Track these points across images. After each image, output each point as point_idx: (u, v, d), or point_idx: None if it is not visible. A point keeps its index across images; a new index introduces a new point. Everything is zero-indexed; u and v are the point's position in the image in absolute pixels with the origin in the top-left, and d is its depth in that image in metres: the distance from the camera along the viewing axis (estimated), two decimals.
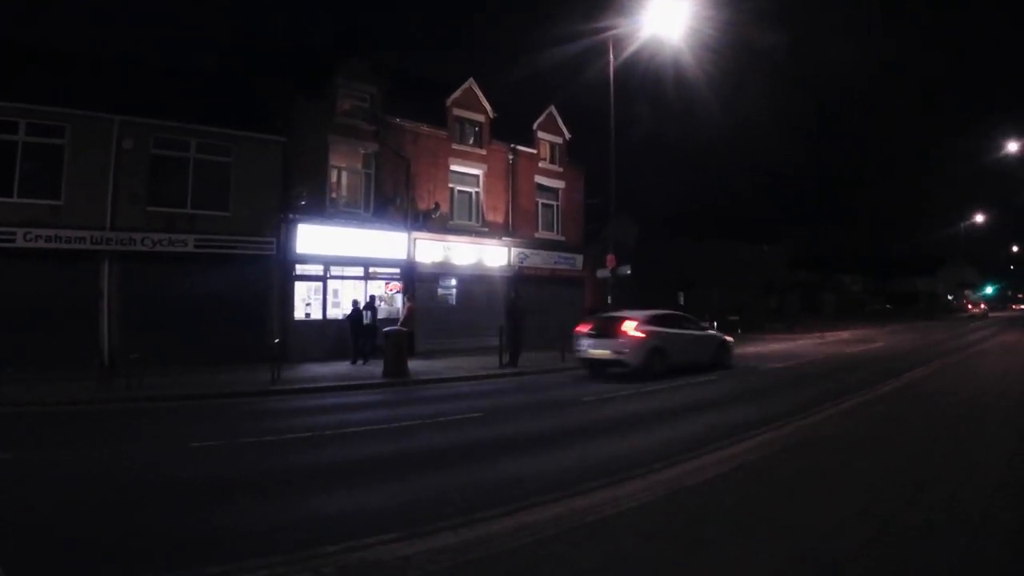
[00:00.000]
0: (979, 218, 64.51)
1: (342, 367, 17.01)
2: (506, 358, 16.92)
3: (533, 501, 5.33)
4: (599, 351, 15.41)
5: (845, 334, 36.36)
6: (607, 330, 15.48)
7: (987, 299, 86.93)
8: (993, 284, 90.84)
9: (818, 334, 35.32)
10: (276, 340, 14.70)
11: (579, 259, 27.43)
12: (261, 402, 12.04)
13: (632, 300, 40.19)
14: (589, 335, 15.80)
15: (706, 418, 9.55)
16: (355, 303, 19.74)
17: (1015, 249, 74.50)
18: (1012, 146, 37.97)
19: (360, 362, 18.24)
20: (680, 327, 16.62)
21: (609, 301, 21.50)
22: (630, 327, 15.21)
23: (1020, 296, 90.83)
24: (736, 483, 5.54)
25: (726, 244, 42.13)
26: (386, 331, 15.36)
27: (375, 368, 15.57)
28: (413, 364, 17.61)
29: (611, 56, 21.26)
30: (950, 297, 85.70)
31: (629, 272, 21.53)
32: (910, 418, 8.62)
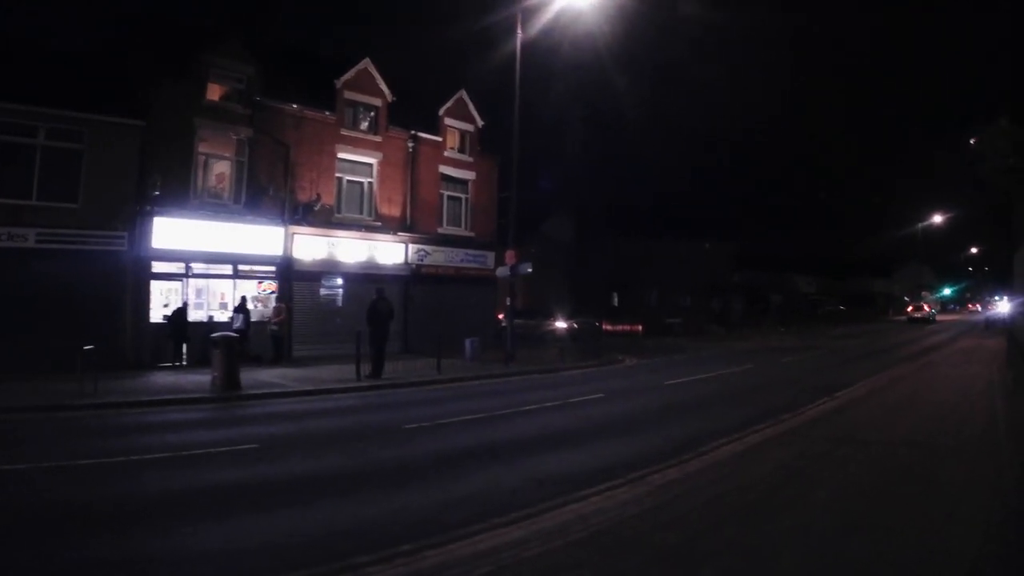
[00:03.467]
0: (937, 219, 64.73)
1: (188, 378, 15.38)
2: (368, 368, 15.40)
3: None
4: (917, 315, 63.28)
5: (791, 338, 35.66)
6: (918, 309, 66.73)
7: (946, 301, 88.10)
8: (951, 286, 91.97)
9: (760, 339, 34.49)
10: (88, 347, 12.96)
11: (490, 257, 26.07)
12: (35, 420, 10.46)
13: (565, 300, 39.19)
14: (913, 310, 65.97)
15: (528, 468, 7.47)
16: (183, 302, 18.88)
17: (973, 251, 75.06)
18: (973, 140, 37.34)
19: (180, 365, 17.81)
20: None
21: (508, 302, 20.10)
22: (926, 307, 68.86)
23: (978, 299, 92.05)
24: None
25: (666, 242, 41.16)
26: (213, 337, 13.76)
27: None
28: (275, 373, 16.55)
29: (519, 30, 20.09)
30: (907, 299, 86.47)
31: (530, 270, 20.32)
32: (820, 476, 6.48)
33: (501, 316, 37.50)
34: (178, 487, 6.77)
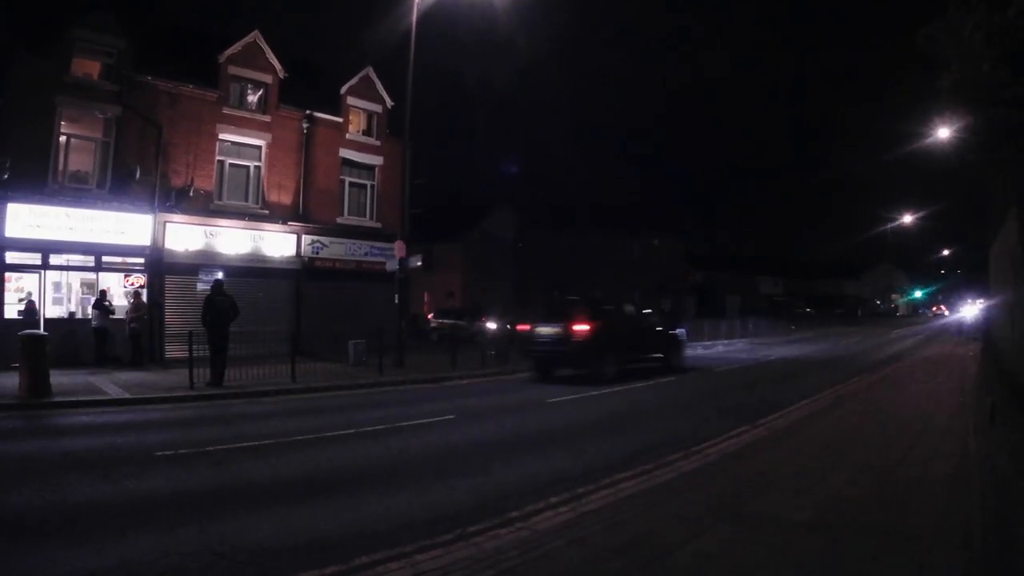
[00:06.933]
0: (906, 219, 64.84)
1: (10, 381, 14.10)
2: (208, 375, 14.30)
3: None
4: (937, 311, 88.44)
5: (741, 343, 35.03)
6: (939, 309, 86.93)
7: (917, 303, 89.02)
8: (922, 288, 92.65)
9: (707, 343, 33.85)
10: None
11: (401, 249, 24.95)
12: None
13: (506, 300, 38.37)
14: (936, 309, 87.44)
15: (232, 531, 5.77)
16: (29, 295, 18.19)
17: (946, 253, 75.67)
18: (943, 132, 36.87)
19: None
20: None
21: (396, 301, 19.07)
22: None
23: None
24: None
25: (613, 238, 40.52)
26: (20, 335, 12.61)
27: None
28: (120, 377, 15.63)
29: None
30: (878, 302, 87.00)
31: (420, 264, 19.42)
32: None
33: (431, 316, 36.76)
34: None
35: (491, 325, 32.92)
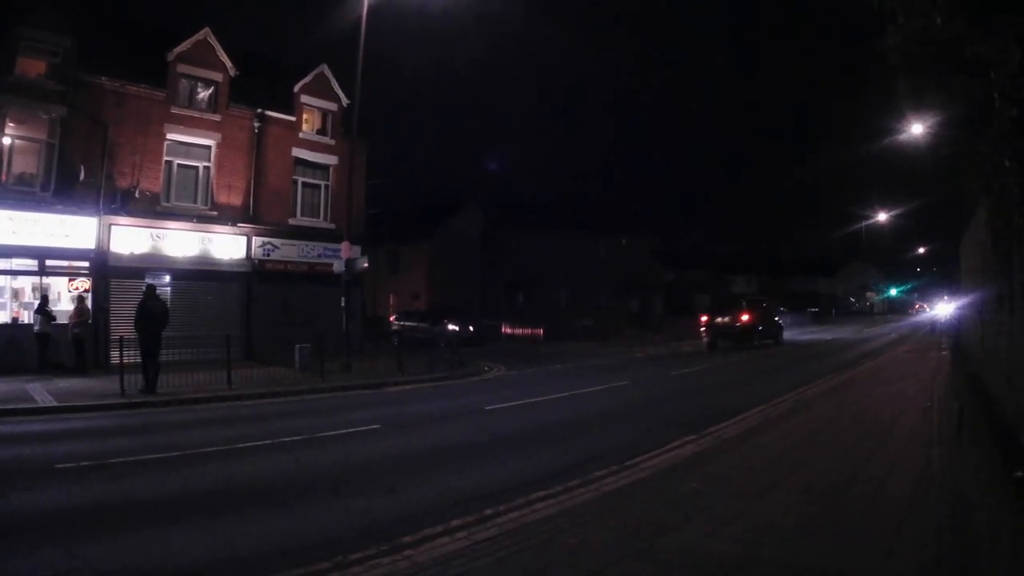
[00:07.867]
0: (881, 217, 65.33)
1: None
2: (141, 381, 14.25)
3: None
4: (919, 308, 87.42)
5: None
6: (922, 307, 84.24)
7: (893, 301, 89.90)
8: (898, 286, 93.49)
9: (674, 342, 34.04)
10: None
11: (355, 251, 24.86)
12: None
13: (473, 301, 38.46)
14: (918, 307, 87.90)
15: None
16: None
17: (921, 251, 76.30)
18: (917, 128, 37.03)
19: None
20: None
21: (343, 304, 19.03)
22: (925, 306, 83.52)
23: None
24: None
25: (580, 237, 40.59)
26: None
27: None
28: (58, 385, 15.55)
29: None
30: (852, 299, 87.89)
31: (366, 265, 19.40)
32: None
33: (393, 318, 36.73)
34: None
35: (452, 327, 32.99)
